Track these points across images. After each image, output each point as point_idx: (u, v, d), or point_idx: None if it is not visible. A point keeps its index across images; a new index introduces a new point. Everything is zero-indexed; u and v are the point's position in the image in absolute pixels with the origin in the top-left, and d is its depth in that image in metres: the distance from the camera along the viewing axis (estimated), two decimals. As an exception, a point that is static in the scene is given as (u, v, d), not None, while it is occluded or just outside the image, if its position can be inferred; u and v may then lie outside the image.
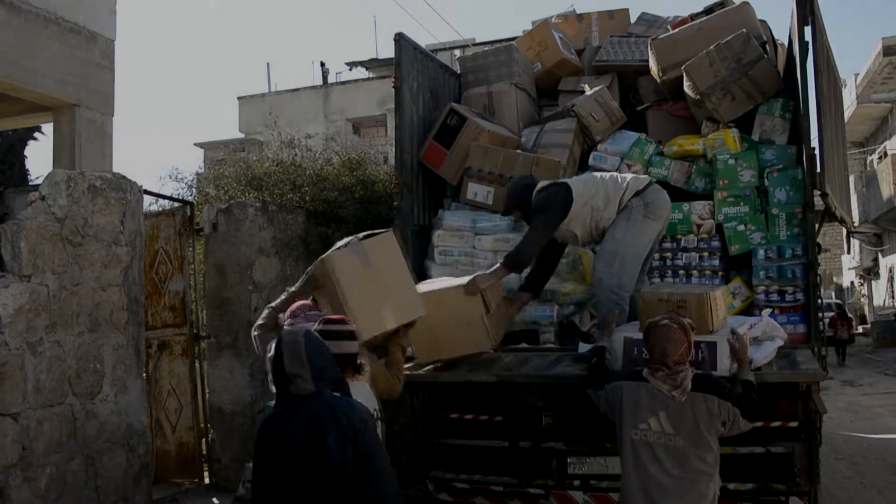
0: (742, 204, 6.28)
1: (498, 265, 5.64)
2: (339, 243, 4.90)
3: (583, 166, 7.12)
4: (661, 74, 7.21)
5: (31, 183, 15.33)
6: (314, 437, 3.21)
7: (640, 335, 4.57)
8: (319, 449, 3.19)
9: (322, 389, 3.32)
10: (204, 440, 7.08)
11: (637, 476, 4.07)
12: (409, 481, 6.69)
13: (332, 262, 4.67)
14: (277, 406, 3.38)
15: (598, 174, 6.04)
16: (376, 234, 5.02)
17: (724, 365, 4.60)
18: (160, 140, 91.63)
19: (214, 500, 6.44)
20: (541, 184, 5.89)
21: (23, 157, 16.96)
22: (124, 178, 5.41)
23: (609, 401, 4.31)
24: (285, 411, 3.33)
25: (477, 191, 6.85)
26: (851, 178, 20.07)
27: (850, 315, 28.04)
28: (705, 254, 6.28)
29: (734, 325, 5.17)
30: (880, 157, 25.19)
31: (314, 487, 3.19)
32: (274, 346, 3.41)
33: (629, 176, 5.94)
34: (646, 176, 6.16)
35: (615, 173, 6.08)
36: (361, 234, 4.96)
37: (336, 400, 3.33)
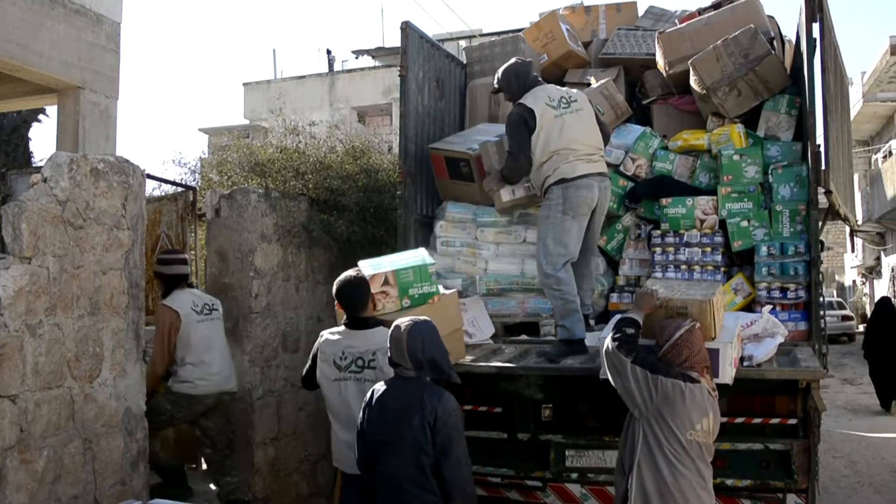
0: (746, 200, 6.27)
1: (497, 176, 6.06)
2: None
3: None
4: (667, 68, 7.19)
5: (34, 165, 15.31)
6: (404, 415, 3.89)
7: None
8: (406, 426, 3.86)
9: (421, 376, 4.00)
10: (202, 426, 7.08)
11: (695, 473, 4.08)
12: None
13: None
14: (389, 380, 4.10)
15: (564, 136, 5.74)
16: None
17: (727, 372, 4.57)
18: (165, 125, 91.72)
19: (211, 485, 6.44)
20: (527, 97, 5.84)
21: (27, 139, 16.91)
22: (127, 161, 5.39)
23: (651, 390, 4.11)
24: (390, 387, 4.05)
25: (514, 189, 6.22)
26: (856, 177, 20.03)
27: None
28: (708, 249, 6.26)
29: (734, 322, 5.17)
30: (885, 157, 25.11)
31: (397, 454, 3.88)
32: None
33: (570, 158, 5.71)
34: (595, 166, 5.82)
35: (576, 144, 5.77)
36: None
37: (429, 388, 3.97)
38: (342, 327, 4.72)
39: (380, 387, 4.11)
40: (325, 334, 4.78)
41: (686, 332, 4.23)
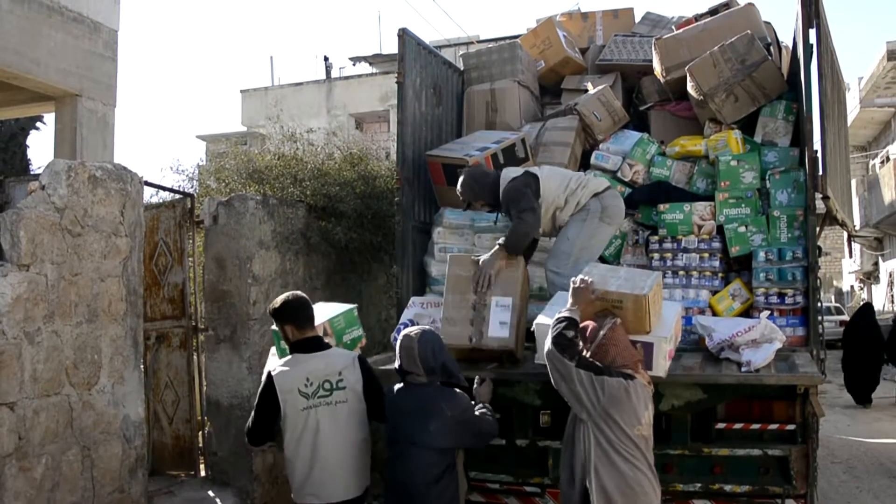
0: (743, 205, 6.27)
1: (496, 248, 5.58)
2: None
3: (584, 165, 7.13)
4: (664, 74, 7.20)
5: (32, 172, 15.30)
6: (418, 420, 4.09)
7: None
8: (420, 430, 4.07)
9: (432, 381, 4.20)
10: (201, 433, 7.07)
11: (647, 466, 4.10)
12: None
13: None
14: (398, 384, 4.30)
15: (566, 173, 6.09)
16: None
17: (660, 366, 4.61)
18: (162, 132, 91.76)
19: (210, 492, 6.43)
20: (511, 172, 5.94)
21: (24, 147, 16.92)
22: (125, 168, 5.40)
23: (598, 392, 4.05)
24: (401, 393, 4.25)
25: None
26: (853, 182, 20.04)
27: None
28: (706, 255, 6.26)
29: (734, 328, 5.17)
30: (882, 162, 25.15)
31: (409, 458, 4.09)
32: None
33: (589, 177, 6.11)
34: (604, 179, 6.22)
35: (579, 173, 6.22)
36: None
37: (440, 393, 4.18)
38: (289, 356, 4.34)
39: (390, 394, 4.29)
40: (278, 368, 4.29)
41: (609, 331, 4.24)
